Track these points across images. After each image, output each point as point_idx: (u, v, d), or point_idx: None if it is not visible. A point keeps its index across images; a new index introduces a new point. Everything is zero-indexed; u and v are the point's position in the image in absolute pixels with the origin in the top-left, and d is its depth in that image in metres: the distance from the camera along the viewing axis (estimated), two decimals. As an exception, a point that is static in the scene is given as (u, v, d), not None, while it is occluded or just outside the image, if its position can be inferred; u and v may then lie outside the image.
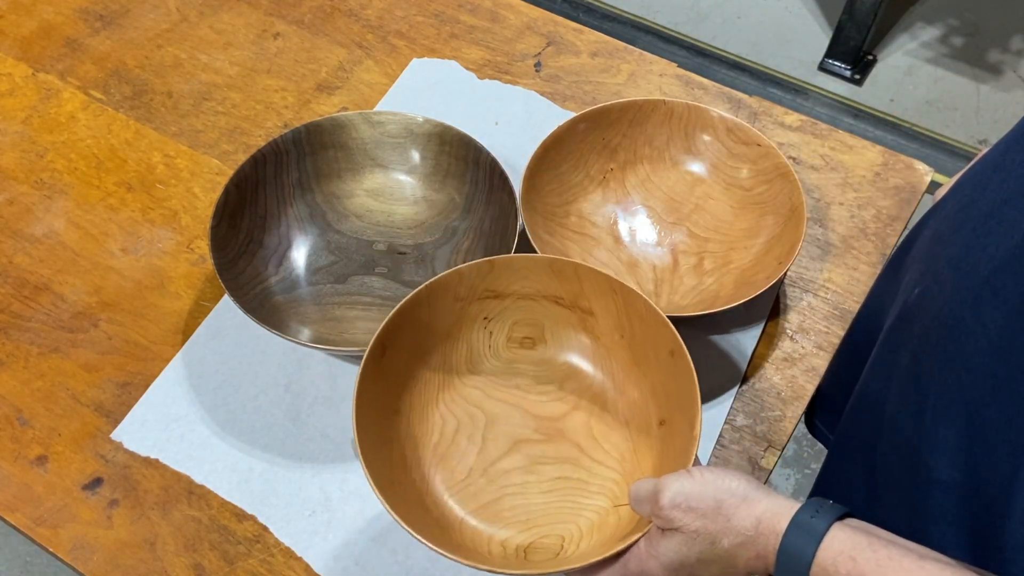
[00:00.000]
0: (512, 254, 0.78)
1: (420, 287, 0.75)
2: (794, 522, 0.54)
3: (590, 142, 0.93)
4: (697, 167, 0.95)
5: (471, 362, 0.80)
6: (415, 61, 1.10)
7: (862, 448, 0.65)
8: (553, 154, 0.90)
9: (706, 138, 0.94)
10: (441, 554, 0.63)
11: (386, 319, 0.73)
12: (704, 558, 0.57)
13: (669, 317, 0.73)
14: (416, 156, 0.95)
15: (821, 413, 0.92)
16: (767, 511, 0.55)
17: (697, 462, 0.66)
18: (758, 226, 0.90)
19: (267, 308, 0.86)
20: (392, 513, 0.64)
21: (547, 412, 0.79)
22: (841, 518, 0.55)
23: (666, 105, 0.93)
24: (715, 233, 0.92)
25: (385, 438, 0.73)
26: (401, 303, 0.74)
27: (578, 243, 0.90)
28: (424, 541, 0.64)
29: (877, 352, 0.77)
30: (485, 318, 0.80)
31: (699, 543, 0.57)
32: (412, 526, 0.64)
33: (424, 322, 0.76)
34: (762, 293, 0.81)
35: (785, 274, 0.84)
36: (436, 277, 0.75)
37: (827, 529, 0.53)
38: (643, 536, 0.61)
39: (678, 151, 0.95)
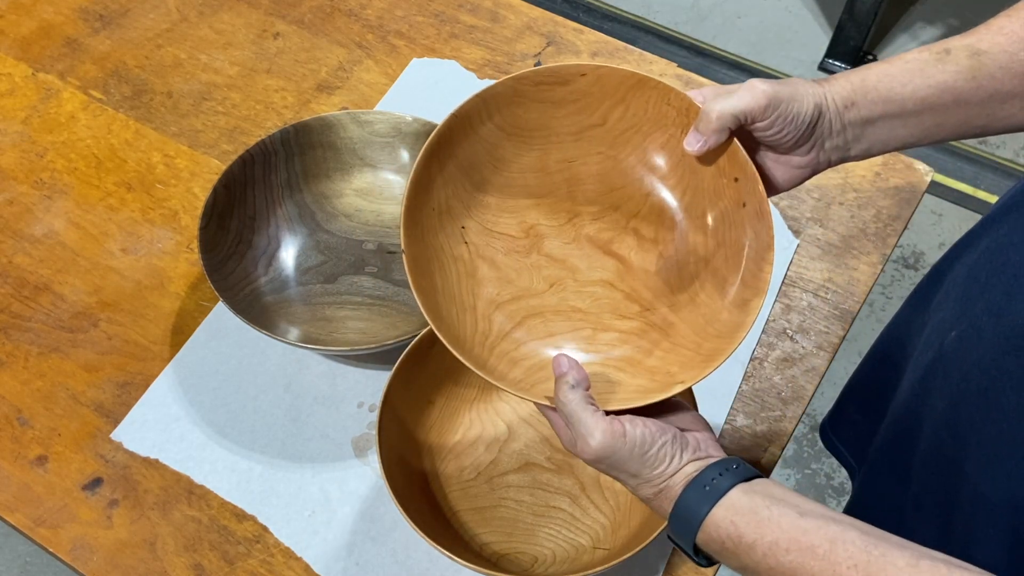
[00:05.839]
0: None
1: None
2: (693, 483, 0.54)
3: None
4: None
5: None
6: (415, 61, 1.10)
7: (891, 501, 0.64)
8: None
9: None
10: (413, 528, 0.68)
11: None
12: (627, 486, 0.58)
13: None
14: (405, 155, 0.95)
15: (833, 424, 0.91)
16: (679, 475, 0.56)
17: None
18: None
19: (257, 308, 0.86)
20: (385, 479, 0.70)
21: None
22: (750, 479, 0.54)
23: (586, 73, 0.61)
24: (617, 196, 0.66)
25: (406, 420, 0.78)
26: None
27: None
28: (402, 511, 0.69)
29: (911, 393, 0.76)
30: None
31: (621, 479, 0.58)
32: (402, 504, 0.69)
33: None
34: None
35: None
36: None
37: (727, 491, 0.53)
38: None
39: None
